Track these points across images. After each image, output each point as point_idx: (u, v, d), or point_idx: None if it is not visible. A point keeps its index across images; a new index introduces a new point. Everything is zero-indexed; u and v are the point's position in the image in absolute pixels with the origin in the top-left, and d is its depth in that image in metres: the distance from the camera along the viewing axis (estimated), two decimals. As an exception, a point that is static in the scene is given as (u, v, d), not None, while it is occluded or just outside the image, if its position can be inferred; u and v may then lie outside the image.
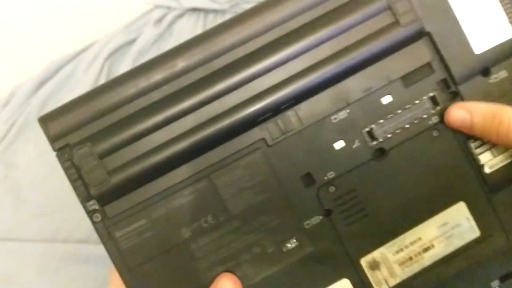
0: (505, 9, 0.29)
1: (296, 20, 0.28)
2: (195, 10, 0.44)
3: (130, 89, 0.28)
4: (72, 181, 0.27)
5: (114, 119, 0.27)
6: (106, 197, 0.27)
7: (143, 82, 0.28)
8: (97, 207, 0.27)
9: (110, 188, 0.27)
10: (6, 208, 0.36)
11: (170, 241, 0.28)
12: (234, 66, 0.28)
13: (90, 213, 0.27)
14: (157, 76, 0.28)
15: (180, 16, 0.44)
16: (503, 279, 0.29)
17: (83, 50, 0.40)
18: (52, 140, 0.27)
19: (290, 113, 0.28)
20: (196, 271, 0.28)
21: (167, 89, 0.28)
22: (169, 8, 0.43)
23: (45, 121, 0.28)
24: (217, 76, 0.28)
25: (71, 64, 0.41)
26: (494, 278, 0.29)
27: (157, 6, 0.43)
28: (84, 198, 0.27)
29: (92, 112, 0.27)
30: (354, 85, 0.28)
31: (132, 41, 0.42)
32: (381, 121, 0.28)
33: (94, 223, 0.27)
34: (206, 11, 0.44)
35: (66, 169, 0.27)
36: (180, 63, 0.28)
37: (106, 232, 0.27)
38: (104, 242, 0.28)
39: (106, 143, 0.27)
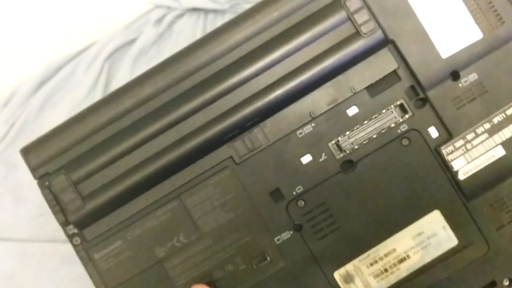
0: (471, 11, 0.28)
1: (256, 39, 0.28)
2: (195, 10, 0.44)
3: (102, 116, 0.29)
4: (52, 207, 0.29)
5: (88, 146, 0.29)
6: (83, 222, 0.28)
7: (113, 110, 0.29)
8: (76, 231, 0.29)
9: (86, 213, 0.28)
10: (6, 208, 0.36)
11: (146, 261, 0.29)
12: (198, 88, 0.28)
13: (70, 237, 0.29)
14: (126, 103, 0.29)
15: (180, 16, 0.44)
16: (486, 288, 0.28)
17: (83, 50, 0.41)
18: (33, 169, 0.29)
19: (256, 130, 0.28)
20: None
21: (136, 115, 0.29)
22: (169, 8, 0.43)
23: (26, 152, 0.29)
24: (182, 98, 0.28)
25: (71, 64, 0.41)
26: (477, 287, 0.28)
27: (157, 6, 0.43)
28: (63, 223, 0.29)
29: (68, 141, 0.29)
30: (318, 98, 0.28)
31: (132, 41, 0.42)
32: (348, 133, 0.28)
33: (74, 246, 0.29)
34: (206, 11, 0.44)
35: (45, 197, 0.29)
36: (147, 89, 0.29)
37: (85, 255, 0.29)
38: (84, 264, 0.29)
39: (80, 170, 0.28)
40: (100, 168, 0.28)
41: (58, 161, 0.29)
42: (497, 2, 0.28)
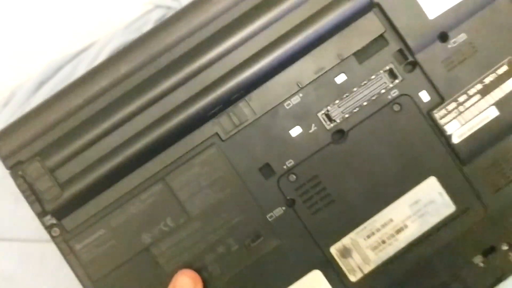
0: (456, -32, 0.27)
1: (237, 8, 0.27)
2: None
3: (76, 99, 0.27)
4: (26, 198, 0.27)
5: (62, 131, 0.27)
6: (62, 211, 0.27)
7: (88, 91, 0.27)
8: (54, 221, 0.27)
9: (64, 201, 0.26)
10: (6, 208, 0.36)
11: (132, 248, 0.27)
12: (177, 62, 0.27)
13: (48, 228, 0.27)
14: (101, 82, 0.27)
15: None
16: (486, 253, 0.27)
17: (83, 50, 0.39)
18: (4, 158, 0.27)
19: (241, 104, 0.27)
20: (161, 276, 0.27)
21: (112, 94, 0.27)
22: (169, 8, 0.41)
23: None
24: (161, 74, 0.27)
25: (71, 64, 0.39)
26: (476, 253, 0.27)
27: (157, 6, 0.41)
28: (40, 214, 0.27)
29: (40, 126, 0.27)
30: (304, 68, 0.27)
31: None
32: (337, 101, 0.27)
33: (53, 237, 0.27)
34: None
35: (19, 187, 0.27)
36: (124, 66, 0.27)
37: (66, 246, 0.27)
38: (65, 256, 0.27)
39: (56, 156, 0.27)
40: (77, 153, 0.27)
41: (31, 148, 0.27)
42: (483, -42, 0.27)
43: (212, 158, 0.27)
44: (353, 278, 0.27)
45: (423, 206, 0.27)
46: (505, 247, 0.27)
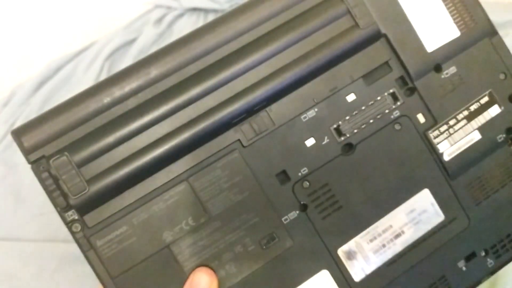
0: (449, 12, 0.32)
1: (263, 27, 0.29)
2: (195, 10, 0.44)
3: (105, 98, 0.28)
4: (50, 192, 0.27)
5: (90, 128, 0.28)
6: (86, 206, 0.27)
7: (118, 91, 0.28)
8: (76, 217, 0.27)
9: (89, 196, 0.27)
10: (6, 208, 0.36)
11: (153, 246, 0.28)
12: (206, 72, 0.29)
13: (69, 224, 0.27)
14: (132, 84, 0.28)
15: (180, 16, 0.44)
16: (468, 258, 0.31)
17: (83, 50, 0.40)
18: (27, 152, 0.27)
19: (262, 114, 0.29)
20: (180, 274, 0.28)
21: (142, 97, 0.28)
22: (169, 8, 0.43)
23: (18, 134, 0.27)
24: (190, 81, 0.28)
25: (71, 64, 0.41)
26: (460, 258, 0.31)
27: (157, 6, 0.43)
28: (63, 209, 0.27)
29: (67, 122, 0.28)
30: (320, 85, 0.30)
31: (132, 41, 0.42)
32: (347, 117, 0.30)
33: (73, 233, 0.27)
34: (206, 10, 0.44)
35: (43, 180, 0.27)
36: (154, 71, 0.29)
37: (86, 242, 0.27)
38: (84, 252, 0.27)
39: (83, 152, 0.27)
40: (104, 151, 0.27)
41: (57, 143, 0.27)
42: (470, 6, 0.32)
43: (234, 162, 0.29)
44: (356, 278, 0.30)
45: (418, 214, 0.31)
46: (483, 253, 0.31)
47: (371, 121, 0.30)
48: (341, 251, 0.30)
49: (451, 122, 0.31)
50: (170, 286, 0.28)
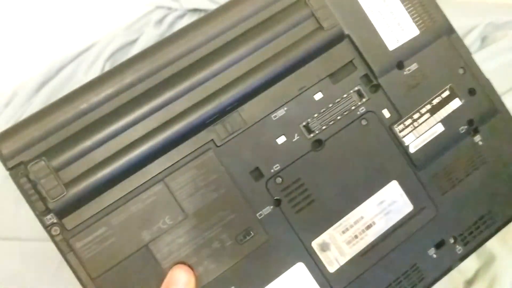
0: (408, 12, 0.33)
1: (233, 31, 0.31)
2: (195, 10, 0.45)
3: (82, 104, 0.29)
4: (28, 197, 0.28)
5: (67, 133, 0.28)
6: (64, 210, 0.28)
7: (94, 97, 0.29)
8: (55, 220, 0.28)
9: (67, 200, 0.28)
10: (6, 208, 0.36)
11: (132, 246, 0.29)
12: (179, 76, 0.30)
13: (48, 227, 0.28)
14: (107, 90, 0.29)
15: (180, 16, 0.44)
16: (437, 246, 0.32)
17: (84, 51, 0.40)
18: (5, 159, 0.28)
19: (234, 114, 0.31)
20: (159, 272, 0.29)
21: (117, 102, 0.29)
22: (169, 8, 0.43)
23: None
24: (163, 85, 0.30)
25: (72, 65, 0.40)
26: (430, 246, 0.32)
27: (157, 7, 0.43)
28: (42, 213, 0.28)
29: (45, 129, 0.28)
30: (289, 85, 0.31)
31: (133, 41, 0.42)
32: (316, 115, 0.32)
33: (52, 236, 0.28)
34: (206, 11, 0.44)
35: (21, 186, 0.28)
36: (129, 77, 0.30)
37: (66, 245, 0.28)
38: (64, 255, 0.28)
39: (61, 157, 0.28)
40: (81, 155, 0.28)
41: (35, 149, 0.28)
42: (428, 6, 0.34)
43: (208, 162, 0.30)
44: (331, 269, 0.31)
45: (388, 205, 0.32)
46: (452, 241, 0.33)
47: (339, 117, 0.32)
48: (315, 244, 0.31)
49: (415, 116, 0.33)
50: (150, 284, 0.29)
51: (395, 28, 0.33)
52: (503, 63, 0.41)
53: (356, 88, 0.32)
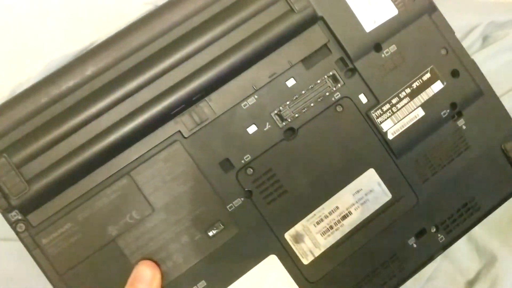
0: (387, -10, 0.32)
1: (197, 17, 0.30)
2: None
3: (43, 98, 0.28)
4: None
5: (28, 128, 0.28)
6: (28, 206, 0.27)
7: (55, 90, 0.28)
8: (20, 217, 0.28)
9: (30, 196, 0.27)
10: None
11: (98, 241, 0.28)
12: (142, 65, 0.29)
13: (13, 224, 0.28)
14: (68, 82, 0.28)
15: None
16: (418, 235, 0.31)
17: (84, 50, 0.38)
18: None
19: (202, 104, 0.30)
20: (127, 267, 0.28)
21: (79, 94, 0.28)
22: None
23: None
24: (126, 76, 0.29)
25: None
26: (409, 236, 0.31)
27: (157, 6, 0.42)
28: (5, 210, 0.27)
29: (6, 124, 0.28)
30: (259, 72, 0.30)
31: None
32: (288, 102, 0.30)
33: (18, 233, 0.28)
34: None
35: None
36: (90, 68, 0.29)
37: (31, 241, 0.28)
38: (30, 252, 0.28)
39: (22, 153, 0.27)
40: (43, 150, 0.28)
41: None
42: (408, -18, 0.32)
43: (175, 154, 0.29)
44: (305, 261, 0.30)
45: (364, 194, 0.31)
46: (433, 229, 0.32)
47: (312, 104, 0.31)
48: (288, 235, 0.30)
49: (394, 101, 0.31)
50: (119, 279, 0.28)
51: (372, 8, 0.31)
52: (504, 63, 0.40)
53: (330, 73, 0.31)
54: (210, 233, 0.29)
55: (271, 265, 0.29)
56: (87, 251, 0.28)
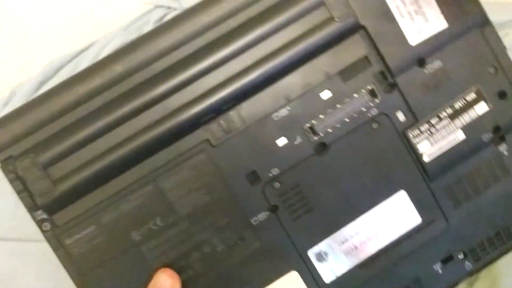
0: (437, 1, 0.29)
1: (232, 20, 0.28)
2: None
3: (70, 97, 0.28)
4: (18, 192, 0.27)
5: (56, 128, 0.28)
6: (54, 206, 0.27)
7: (82, 89, 0.28)
8: (45, 216, 0.28)
9: (56, 197, 0.27)
10: (6, 208, 0.36)
11: (121, 245, 0.28)
12: (174, 69, 0.28)
13: (39, 223, 0.28)
14: (97, 82, 0.28)
15: None
16: (444, 261, 0.30)
17: (83, 50, 0.40)
18: None
19: (232, 113, 0.29)
20: (147, 273, 0.28)
21: (107, 95, 0.28)
22: (169, 8, 0.42)
23: None
24: (157, 79, 0.28)
25: (71, 64, 0.40)
26: (436, 261, 0.30)
27: (157, 6, 0.42)
28: (31, 208, 0.27)
29: (34, 122, 0.28)
30: (293, 82, 0.29)
31: None
32: (322, 116, 0.29)
33: (43, 232, 0.28)
34: None
35: (11, 181, 0.27)
36: (119, 68, 0.28)
37: (56, 241, 0.28)
38: (55, 250, 0.28)
39: (49, 153, 0.27)
40: (70, 152, 0.27)
41: (24, 143, 0.27)
42: (461, -6, 0.30)
43: (202, 163, 0.28)
44: (327, 280, 0.29)
45: (393, 216, 0.30)
46: (461, 256, 0.30)
47: (347, 119, 0.29)
48: (311, 253, 0.29)
49: (433, 121, 0.30)
50: (138, 284, 0.28)
51: (419, 19, 0.29)
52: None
53: (369, 87, 0.29)
54: (232, 245, 0.29)
55: (292, 281, 0.29)
56: (109, 254, 0.28)
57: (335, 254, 0.29)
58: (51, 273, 0.34)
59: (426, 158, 0.30)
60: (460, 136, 0.30)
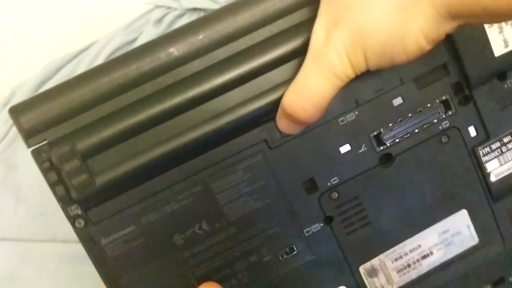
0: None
1: (304, 10, 0.25)
2: (195, 10, 0.44)
3: (119, 79, 0.24)
4: (51, 184, 0.24)
5: (100, 113, 0.24)
6: (90, 202, 0.25)
7: (133, 71, 0.24)
8: (79, 212, 0.25)
9: (95, 191, 0.24)
10: (6, 208, 0.36)
11: (161, 248, 0.26)
12: (237, 58, 0.25)
13: (71, 219, 0.25)
14: (150, 65, 0.24)
15: (180, 16, 0.44)
16: (495, 284, 0.29)
17: (83, 50, 0.40)
18: (27, 136, 0.24)
19: None
20: (188, 280, 0.26)
21: (161, 81, 0.24)
22: (169, 8, 0.43)
23: (17, 112, 0.24)
24: (217, 69, 0.24)
25: (71, 64, 0.41)
26: (487, 282, 0.29)
27: (157, 6, 0.43)
28: (65, 203, 0.24)
29: (74, 104, 0.24)
30: (365, 85, 0.26)
31: (132, 41, 0.42)
32: (391, 124, 0.27)
33: (76, 229, 0.25)
34: (206, 11, 0.43)
35: (43, 171, 0.24)
36: (176, 52, 0.24)
37: (90, 239, 0.25)
38: (87, 250, 0.25)
39: (90, 142, 0.24)
40: (114, 142, 0.24)
41: (62, 128, 0.24)
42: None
43: (257, 165, 0.26)
44: (375, 297, 0.28)
45: (451, 236, 0.28)
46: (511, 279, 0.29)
47: (416, 130, 0.27)
48: (362, 268, 0.28)
49: (506, 139, 0.28)
50: None
51: (508, 29, 0.27)
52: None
53: (443, 98, 0.27)
54: (282, 256, 0.27)
55: (340, 297, 0.27)
56: (148, 257, 0.26)
57: (387, 271, 0.28)
58: (50, 273, 0.33)
59: (493, 178, 0.28)
60: (531, 158, 0.28)
